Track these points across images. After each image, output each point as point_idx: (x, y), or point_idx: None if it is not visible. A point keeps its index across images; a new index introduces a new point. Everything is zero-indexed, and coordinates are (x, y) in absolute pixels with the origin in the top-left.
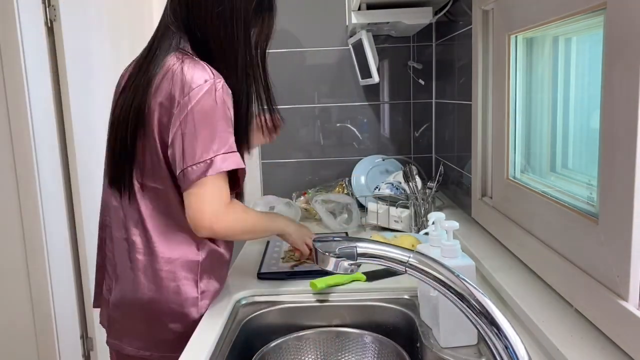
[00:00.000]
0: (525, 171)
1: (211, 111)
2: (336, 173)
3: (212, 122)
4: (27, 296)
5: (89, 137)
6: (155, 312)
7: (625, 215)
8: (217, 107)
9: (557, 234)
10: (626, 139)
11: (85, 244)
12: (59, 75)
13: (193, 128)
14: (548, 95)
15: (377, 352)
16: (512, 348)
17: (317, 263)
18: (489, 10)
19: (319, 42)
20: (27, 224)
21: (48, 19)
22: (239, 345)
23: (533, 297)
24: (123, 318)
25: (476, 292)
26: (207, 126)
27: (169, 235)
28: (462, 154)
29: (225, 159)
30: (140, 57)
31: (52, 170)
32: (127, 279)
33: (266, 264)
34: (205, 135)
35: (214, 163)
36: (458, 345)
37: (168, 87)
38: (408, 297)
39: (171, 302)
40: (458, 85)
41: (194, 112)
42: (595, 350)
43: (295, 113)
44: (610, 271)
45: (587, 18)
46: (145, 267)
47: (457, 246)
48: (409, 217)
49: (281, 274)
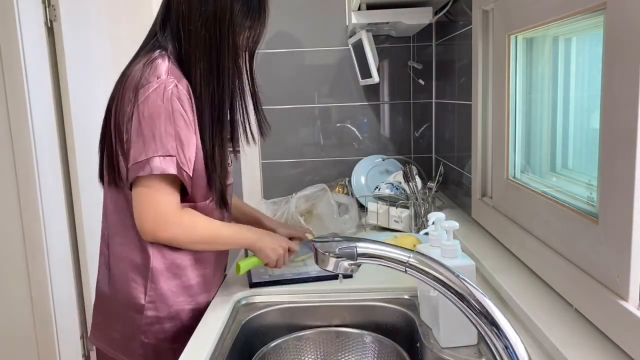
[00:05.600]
0: (525, 171)
1: (155, 111)
2: (336, 173)
3: (154, 122)
4: (27, 296)
5: (89, 137)
6: (107, 307)
7: (625, 215)
8: (162, 106)
9: (557, 234)
10: (626, 139)
11: (85, 244)
12: (59, 75)
13: (137, 127)
14: (548, 95)
15: (377, 352)
16: (512, 348)
17: (317, 263)
18: (489, 10)
19: (319, 42)
20: (27, 224)
21: (48, 19)
22: (239, 345)
23: (533, 297)
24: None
25: (476, 292)
26: (149, 126)
27: (123, 233)
28: (462, 154)
29: (163, 162)
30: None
31: (52, 170)
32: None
33: (255, 272)
34: (146, 135)
35: (149, 164)
36: (458, 345)
37: (130, 81)
38: (408, 297)
39: (120, 301)
40: (458, 85)
41: (139, 110)
42: (595, 350)
43: (295, 113)
44: (610, 271)
45: (587, 18)
46: (105, 261)
47: (457, 246)
48: (409, 217)
49: (273, 282)
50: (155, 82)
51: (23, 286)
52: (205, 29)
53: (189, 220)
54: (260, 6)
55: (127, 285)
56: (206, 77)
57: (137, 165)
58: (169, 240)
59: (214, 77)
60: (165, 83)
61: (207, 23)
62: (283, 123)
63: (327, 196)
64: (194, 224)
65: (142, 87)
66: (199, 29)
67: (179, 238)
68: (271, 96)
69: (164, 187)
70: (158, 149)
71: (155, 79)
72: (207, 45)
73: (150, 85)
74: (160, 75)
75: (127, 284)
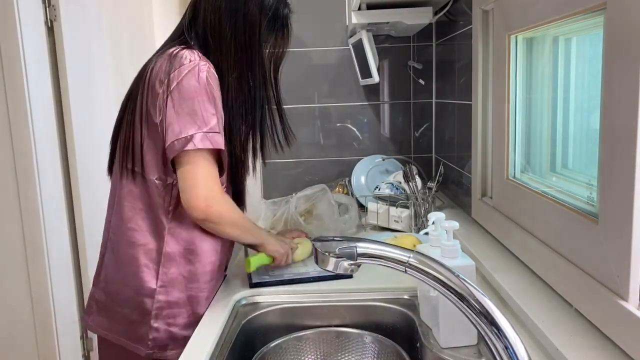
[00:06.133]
0: (525, 171)
1: (193, 90)
2: (336, 173)
3: (192, 101)
4: (27, 296)
5: (89, 137)
6: (114, 291)
7: (625, 215)
8: (199, 87)
9: (557, 234)
10: (626, 139)
11: (85, 244)
12: (59, 75)
13: (175, 105)
14: (548, 95)
15: (377, 352)
16: (512, 348)
17: (317, 263)
18: (489, 10)
19: (319, 42)
20: (27, 224)
21: (48, 19)
22: (239, 345)
23: (533, 297)
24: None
25: (476, 292)
26: (188, 104)
27: (135, 220)
28: (462, 154)
29: (205, 138)
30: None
31: (52, 170)
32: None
33: (255, 273)
34: (186, 113)
35: (194, 139)
36: (458, 345)
37: (158, 69)
38: (408, 297)
39: (129, 285)
40: (458, 85)
41: (177, 91)
42: (595, 351)
43: (295, 113)
44: (610, 271)
45: (587, 18)
46: (112, 246)
47: (457, 246)
48: (409, 217)
49: (273, 283)
50: (189, 64)
51: (23, 286)
52: (235, 41)
53: (230, 200)
54: (284, 23)
55: (138, 269)
56: (237, 86)
57: (180, 142)
58: (219, 215)
59: (244, 86)
60: (199, 64)
61: (238, 35)
62: None
63: (327, 196)
64: (233, 205)
65: (174, 70)
66: (229, 40)
67: (225, 215)
68: None
69: (210, 163)
70: (202, 126)
71: (188, 62)
72: (238, 55)
73: (184, 68)
74: (193, 59)
75: (138, 269)
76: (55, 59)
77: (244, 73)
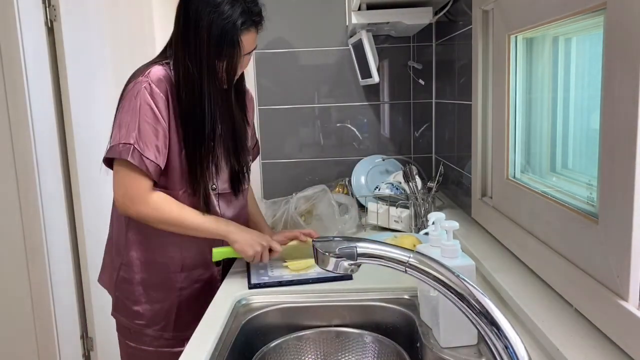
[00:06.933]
0: (525, 171)
1: (127, 104)
2: (336, 173)
3: (125, 113)
4: (27, 296)
5: (89, 137)
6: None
7: (625, 215)
8: (133, 101)
9: (557, 234)
10: (626, 139)
11: (86, 244)
12: (59, 75)
13: (116, 115)
14: (548, 95)
15: (377, 352)
16: (512, 348)
17: (317, 263)
18: (489, 10)
19: (319, 42)
20: (27, 224)
21: (48, 19)
22: (239, 345)
23: (533, 297)
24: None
25: (476, 292)
26: (120, 117)
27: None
28: (462, 154)
29: (124, 149)
30: None
31: (52, 170)
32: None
33: (254, 273)
34: (118, 124)
35: (113, 149)
36: (458, 345)
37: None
38: (408, 297)
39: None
40: (458, 85)
41: (121, 102)
42: (595, 350)
43: (295, 113)
44: (610, 271)
45: (587, 18)
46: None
47: (457, 246)
48: (409, 217)
49: (272, 284)
50: (134, 81)
51: (23, 286)
52: (188, 58)
53: (156, 201)
54: (234, 40)
55: (119, 242)
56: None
57: (108, 149)
58: (136, 216)
59: (197, 99)
60: (141, 82)
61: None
62: (283, 123)
63: (328, 197)
64: (161, 206)
65: (128, 83)
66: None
67: (147, 215)
68: (271, 96)
69: (132, 170)
70: (122, 137)
71: (137, 79)
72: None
73: (131, 85)
74: (141, 76)
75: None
76: (55, 59)
77: (196, 87)
